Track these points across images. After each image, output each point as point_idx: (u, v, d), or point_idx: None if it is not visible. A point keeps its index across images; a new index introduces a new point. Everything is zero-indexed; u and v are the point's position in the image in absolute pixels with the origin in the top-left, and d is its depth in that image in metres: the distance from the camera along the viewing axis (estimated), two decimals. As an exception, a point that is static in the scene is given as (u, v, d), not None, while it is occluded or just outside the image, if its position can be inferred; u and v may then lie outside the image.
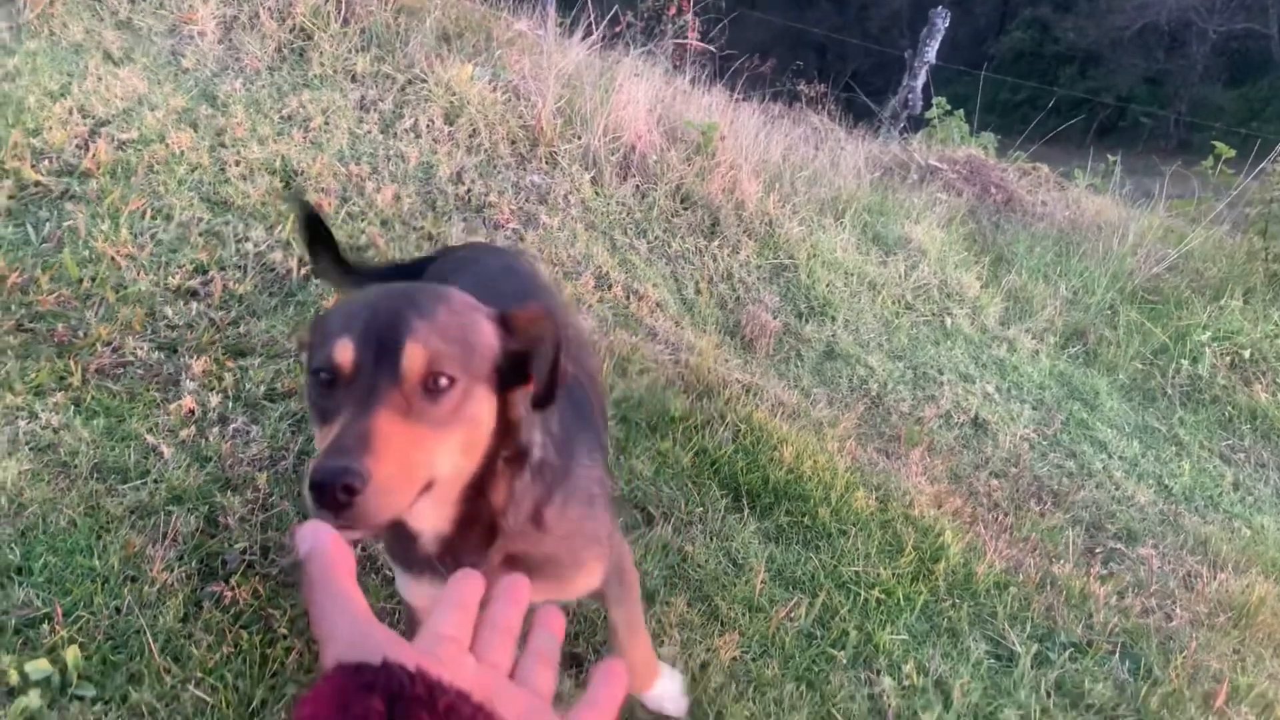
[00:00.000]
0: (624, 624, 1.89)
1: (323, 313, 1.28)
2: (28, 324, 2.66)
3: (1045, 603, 2.86)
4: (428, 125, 4.25)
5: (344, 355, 1.08)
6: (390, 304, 1.13)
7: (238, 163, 3.54)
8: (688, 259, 4.41)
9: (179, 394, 2.58)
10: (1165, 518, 3.66)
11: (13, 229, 2.96)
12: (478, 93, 4.47)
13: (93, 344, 2.65)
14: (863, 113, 8.84)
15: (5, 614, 1.89)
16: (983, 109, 8.29)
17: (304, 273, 3.16)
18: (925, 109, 8.52)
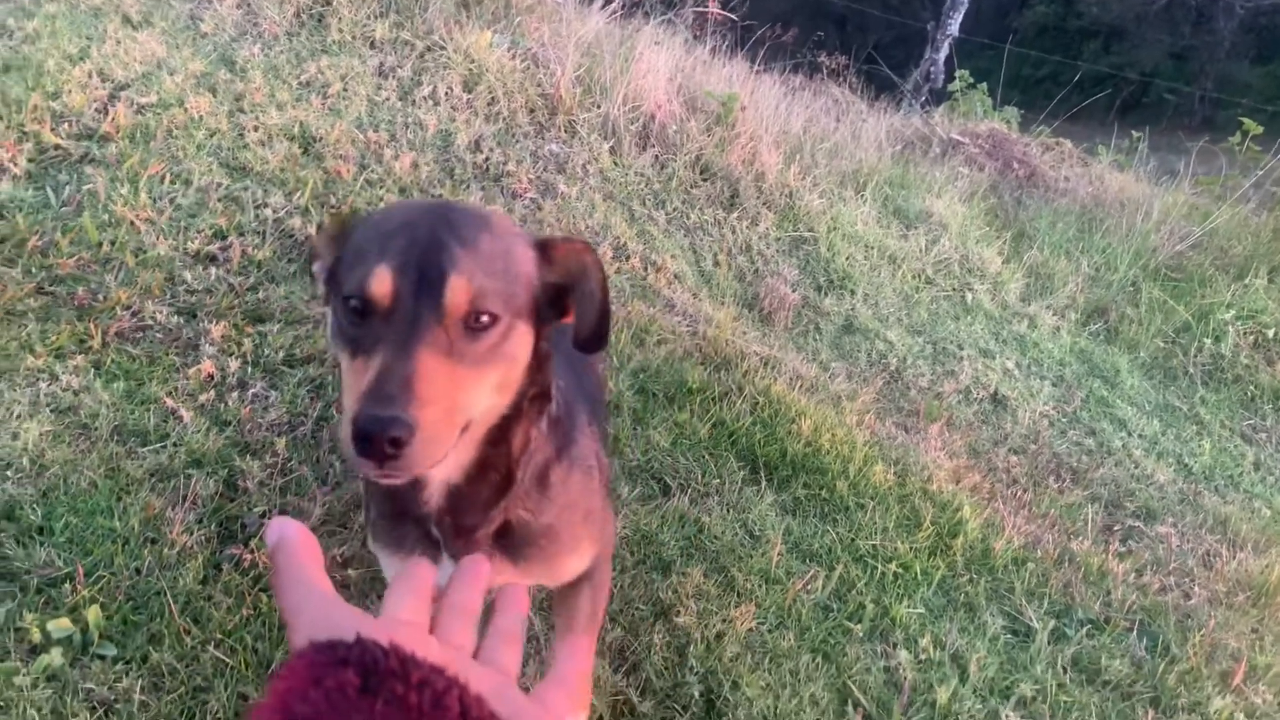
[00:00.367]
0: (582, 620, 1.64)
1: (340, 221, 1.17)
2: (48, 287, 2.67)
3: (1063, 579, 2.85)
4: (446, 92, 4.22)
5: (382, 286, 1.00)
6: (430, 228, 1.04)
7: (256, 128, 3.52)
8: (706, 230, 4.38)
9: (198, 358, 2.58)
10: (1185, 496, 3.63)
11: (33, 192, 2.96)
12: (496, 60, 4.43)
13: (112, 307, 2.65)
14: (884, 85, 8.74)
15: (28, 573, 1.91)
16: (1005, 84, 8.17)
17: (309, 240, 3.15)
18: (947, 82, 8.42)
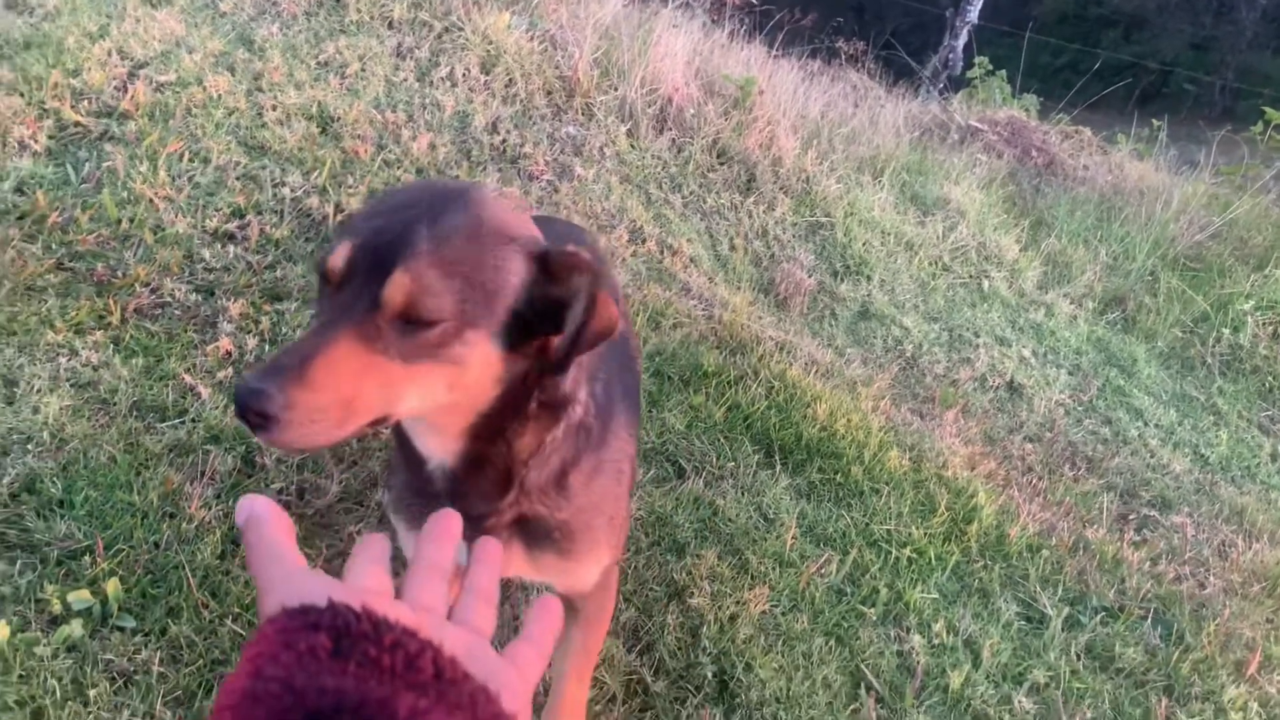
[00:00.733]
0: (579, 649, 1.70)
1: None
2: (68, 263, 2.68)
3: (1077, 567, 2.84)
4: (464, 74, 4.21)
5: (336, 261, 1.02)
6: (411, 218, 1.04)
7: (274, 107, 3.53)
8: (723, 214, 4.37)
9: (216, 335, 2.59)
10: (1201, 486, 3.61)
11: (53, 169, 2.97)
12: (514, 42, 4.41)
13: (131, 284, 2.66)
14: (902, 72, 8.67)
15: (49, 545, 1.92)
16: (1024, 72, 8.10)
17: (339, 218, 3.16)
18: (966, 69, 8.36)
